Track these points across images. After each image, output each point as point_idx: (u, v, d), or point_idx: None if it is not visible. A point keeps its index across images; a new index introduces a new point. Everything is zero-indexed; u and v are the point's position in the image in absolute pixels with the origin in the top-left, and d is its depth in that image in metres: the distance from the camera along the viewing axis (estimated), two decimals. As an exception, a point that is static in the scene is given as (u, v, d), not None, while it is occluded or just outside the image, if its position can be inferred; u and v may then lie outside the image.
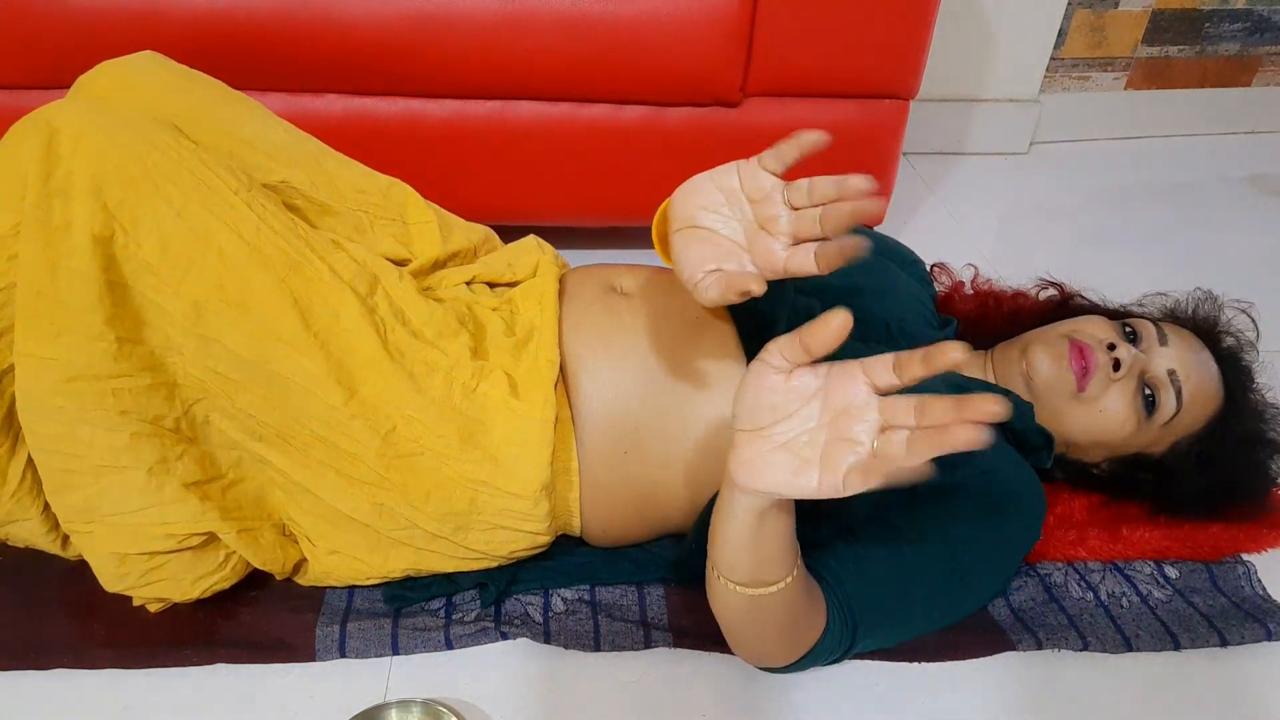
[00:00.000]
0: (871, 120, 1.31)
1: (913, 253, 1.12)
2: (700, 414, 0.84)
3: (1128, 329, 0.92)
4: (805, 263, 0.60)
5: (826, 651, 0.76)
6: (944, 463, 0.80)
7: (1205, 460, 0.91)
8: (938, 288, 1.13)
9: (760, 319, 0.85)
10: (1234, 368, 0.94)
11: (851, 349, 0.86)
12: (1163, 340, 0.91)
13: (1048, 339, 0.93)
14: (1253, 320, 0.99)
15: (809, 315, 0.87)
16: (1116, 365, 0.88)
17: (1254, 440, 0.93)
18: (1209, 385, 0.91)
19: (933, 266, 1.16)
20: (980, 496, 0.81)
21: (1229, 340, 0.97)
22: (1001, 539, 0.83)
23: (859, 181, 0.58)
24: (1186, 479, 0.92)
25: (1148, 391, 0.89)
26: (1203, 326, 0.97)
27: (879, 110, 1.30)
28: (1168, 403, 0.88)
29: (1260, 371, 0.97)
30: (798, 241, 0.62)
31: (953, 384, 0.89)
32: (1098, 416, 0.89)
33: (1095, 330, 0.92)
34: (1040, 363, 0.90)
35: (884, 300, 0.96)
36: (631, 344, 0.85)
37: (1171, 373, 0.89)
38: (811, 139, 0.60)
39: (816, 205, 0.60)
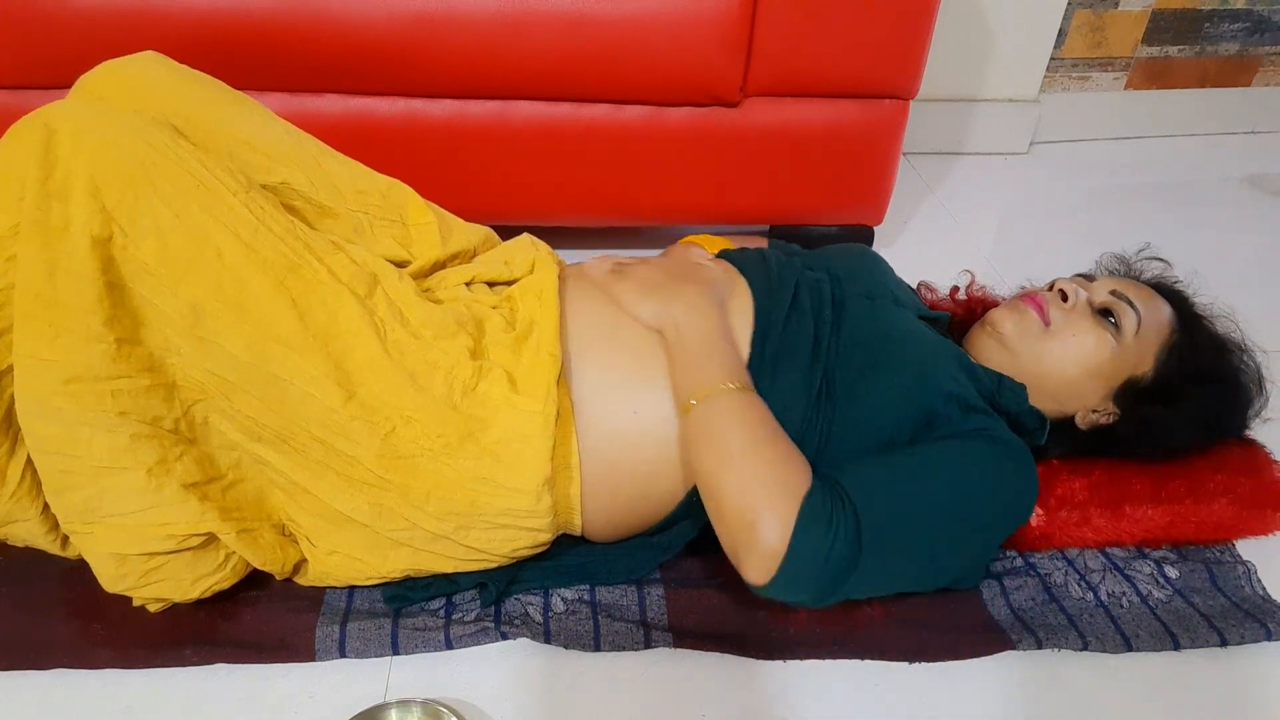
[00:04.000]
0: (871, 120, 1.31)
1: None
2: None
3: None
4: None
5: (819, 526, 0.72)
6: (940, 426, 0.81)
7: (1190, 363, 0.95)
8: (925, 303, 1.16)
9: (774, 291, 0.90)
10: (1167, 288, 1.02)
11: (858, 304, 0.91)
12: (1090, 279, 1.00)
13: (1001, 305, 1.00)
14: (1161, 260, 1.07)
15: (817, 287, 0.91)
16: (1064, 297, 0.96)
17: (1222, 335, 0.99)
18: (1153, 298, 0.98)
19: (919, 285, 1.21)
20: (977, 444, 0.83)
21: (1149, 274, 1.05)
22: (996, 483, 0.83)
23: None
24: (1185, 388, 0.95)
25: (1106, 313, 0.95)
26: (1120, 274, 1.06)
27: (879, 110, 1.30)
28: (1128, 315, 0.94)
29: (1188, 291, 1.03)
30: None
31: (962, 364, 0.90)
32: (1076, 345, 0.94)
33: (1033, 289, 1.01)
34: (1001, 320, 0.96)
35: (884, 278, 1.01)
36: (637, 333, 0.86)
37: (1115, 292, 0.96)
38: None
39: None
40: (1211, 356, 0.97)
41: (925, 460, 0.81)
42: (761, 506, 0.74)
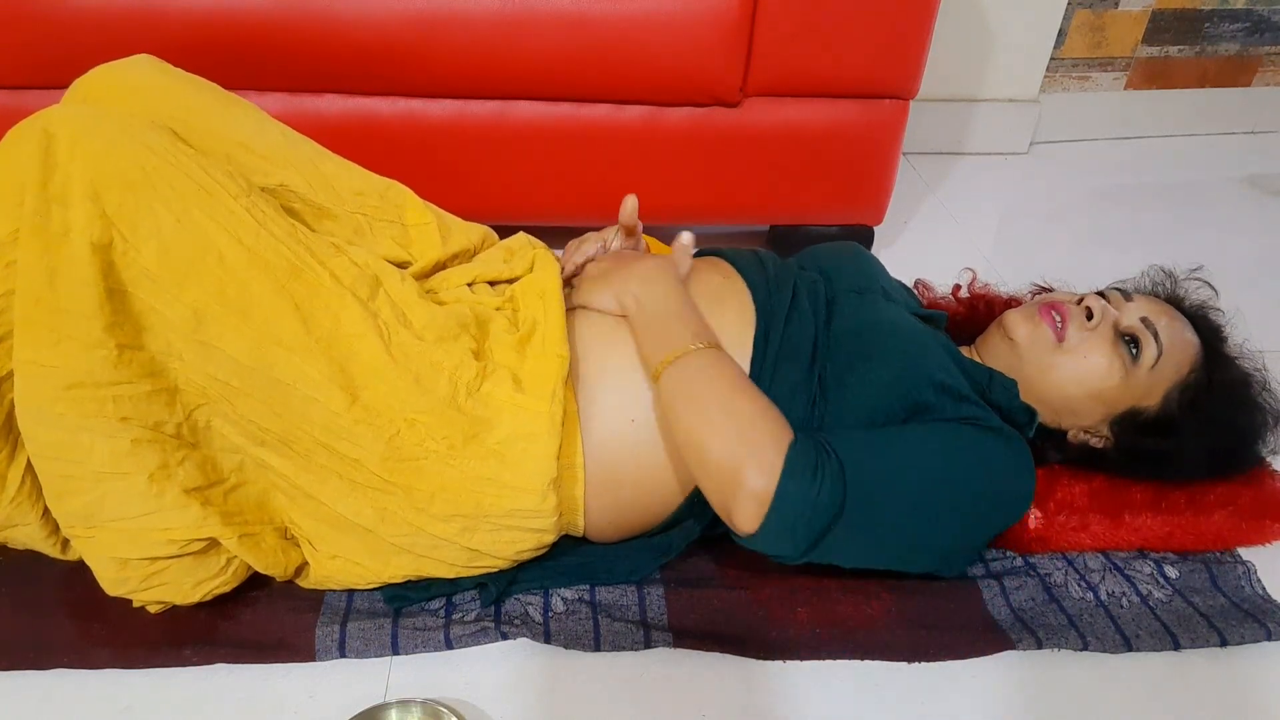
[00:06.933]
0: (871, 120, 1.31)
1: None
2: None
3: (1095, 293, 0.97)
4: None
5: (805, 472, 0.73)
6: (934, 408, 0.82)
7: (1200, 408, 0.93)
8: (922, 300, 1.15)
9: (773, 291, 0.90)
10: (1204, 321, 0.98)
11: (848, 299, 0.92)
12: (1128, 298, 0.96)
13: (1019, 308, 0.98)
14: (1210, 286, 1.03)
15: (813, 288, 0.91)
16: (1089, 315, 0.93)
17: (1242, 382, 0.96)
18: (1184, 332, 0.94)
19: (916, 282, 1.19)
20: (968, 430, 0.82)
21: (1191, 300, 1.01)
22: (988, 468, 0.83)
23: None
24: (1185, 430, 0.93)
25: (1128, 339, 0.92)
26: (1163, 293, 1.02)
27: (879, 110, 1.30)
28: (1149, 346, 0.91)
29: (1228, 328, 1.00)
30: None
31: (952, 356, 0.90)
32: (1084, 365, 0.92)
33: (1062, 296, 0.98)
34: (1016, 325, 0.94)
35: (875, 274, 1.01)
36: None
37: (1145, 319, 0.93)
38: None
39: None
40: (1224, 404, 0.94)
41: (913, 435, 0.81)
42: (746, 455, 0.74)
